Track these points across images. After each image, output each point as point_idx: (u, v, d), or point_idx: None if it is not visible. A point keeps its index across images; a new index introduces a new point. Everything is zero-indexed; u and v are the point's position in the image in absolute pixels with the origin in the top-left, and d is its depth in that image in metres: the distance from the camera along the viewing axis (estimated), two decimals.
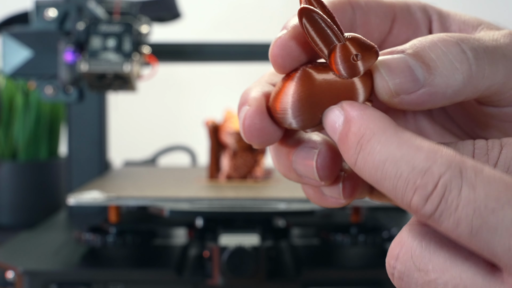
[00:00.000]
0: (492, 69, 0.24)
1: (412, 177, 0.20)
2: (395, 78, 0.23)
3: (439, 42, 0.24)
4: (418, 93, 0.23)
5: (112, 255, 0.59)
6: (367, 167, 0.21)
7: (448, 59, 0.23)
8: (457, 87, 0.23)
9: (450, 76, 0.23)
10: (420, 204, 0.20)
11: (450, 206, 0.19)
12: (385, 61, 0.23)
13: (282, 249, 0.59)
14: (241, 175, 0.69)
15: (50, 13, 0.71)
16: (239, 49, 0.77)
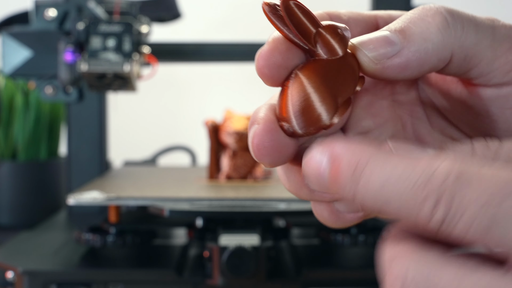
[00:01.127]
0: (471, 26, 0.24)
1: (416, 191, 0.20)
2: (369, 45, 0.24)
3: (412, 11, 0.25)
4: (399, 54, 0.23)
5: (112, 255, 0.59)
6: (368, 196, 0.21)
7: (420, 18, 0.24)
8: (436, 39, 0.23)
9: (425, 30, 0.24)
10: (427, 217, 0.20)
11: (458, 211, 0.19)
12: (361, 38, 0.24)
13: (282, 249, 0.59)
14: (241, 175, 0.69)
15: (50, 13, 0.71)
16: (239, 49, 0.77)
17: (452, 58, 0.24)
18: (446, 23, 0.24)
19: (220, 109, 0.76)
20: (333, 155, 0.22)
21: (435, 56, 0.24)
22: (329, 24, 0.24)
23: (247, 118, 0.69)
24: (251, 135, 0.24)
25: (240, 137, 0.67)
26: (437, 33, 0.24)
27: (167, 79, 1.25)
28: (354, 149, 0.21)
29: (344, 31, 0.24)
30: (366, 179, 0.21)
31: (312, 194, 0.25)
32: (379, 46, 0.24)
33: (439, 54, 0.24)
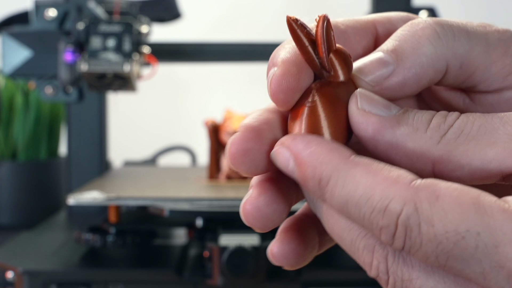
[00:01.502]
0: (462, 34, 0.24)
1: (374, 218, 0.20)
2: (364, 71, 0.24)
3: (401, 28, 0.25)
4: (394, 73, 0.24)
5: (112, 255, 0.59)
6: (335, 206, 0.22)
7: (410, 34, 0.24)
8: (429, 51, 0.24)
9: (416, 44, 0.24)
10: (388, 242, 0.20)
11: (415, 242, 0.20)
12: (356, 64, 0.24)
13: None
14: (241, 175, 0.69)
15: (50, 13, 0.71)
16: (239, 49, 0.77)
17: (448, 68, 0.24)
18: (437, 35, 0.24)
19: (220, 109, 0.76)
20: (297, 159, 0.22)
21: (431, 69, 0.24)
22: (340, 48, 0.24)
23: None
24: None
25: None
26: (429, 45, 0.24)
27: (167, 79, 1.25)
28: (316, 158, 0.21)
29: (350, 57, 0.24)
30: (330, 193, 0.21)
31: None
32: (374, 69, 0.24)
33: (435, 66, 0.24)
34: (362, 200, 0.20)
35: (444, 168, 0.22)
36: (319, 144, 0.22)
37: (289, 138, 0.22)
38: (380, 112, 0.23)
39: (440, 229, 0.19)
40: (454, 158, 0.22)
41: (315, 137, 0.22)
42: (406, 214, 0.20)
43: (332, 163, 0.21)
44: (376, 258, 0.22)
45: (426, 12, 0.75)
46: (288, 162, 0.22)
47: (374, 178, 0.20)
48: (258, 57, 0.77)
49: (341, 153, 0.21)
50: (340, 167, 0.21)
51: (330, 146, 0.22)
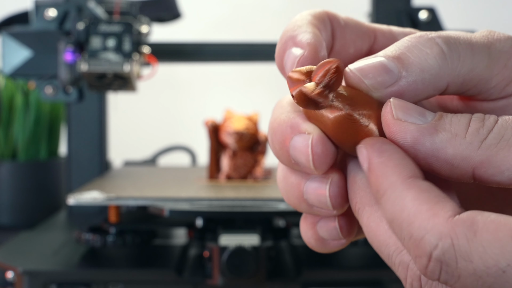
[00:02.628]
0: (467, 53, 0.24)
1: (411, 245, 0.21)
2: (368, 73, 0.24)
3: (408, 38, 0.25)
4: (397, 84, 0.24)
5: (112, 255, 0.59)
6: (385, 217, 0.22)
7: (418, 48, 0.24)
8: (434, 70, 0.24)
9: (423, 61, 0.24)
10: (422, 271, 0.21)
11: (452, 276, 0.20)
12: (357, 64, 0.24)
13: (282, 249, 0.59)
14: (241, 175, 0.69)
15: (50, 13, 0.71)
16: (239, 49, 0.77)
17: (448, 86, 0.24)
18: (443, 55, 0.24)
19: (220, 109, 0.76)
20: (369, 164, 0.23)
21: (431, 87, 0.24)
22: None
23: (247, 118, 0.69)
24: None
25: (240, 137, 0.67)
26: (435, 64, 0.24)
27: (167, 79, 1.25)
28: (381, 171, 0.22)
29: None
30: (383, 205, 0.22)
31: (310, 208, 0.26)
32: (378, 74, 0.24)
33: (435, 85, 0.24)
34: (405, 224, 0.21)
35: (484, 173, 0.22)
36: (389, 156, 0.22)
37: (371, 140, 0.23)
38: (416, 121, 0.23)
39: (480, 264, 0.19)
40: (494, 163, 0.22)
41: (390, 147, 0.23)
42: (441, 249, 0.20)
43: (391, 179, 0.22)
44: (410, 276, 0.22)
45: (426, 12, 0.75)
46: (364, 162, 0.23)
47: (419, 206, 0.21)
48: (258, 57, 0.77)
49: (403, 171, 0.22)
50: (396, 186, 0.22)
51: (398, 161, 0.22)
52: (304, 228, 0.27)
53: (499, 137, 0.22)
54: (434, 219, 0.20)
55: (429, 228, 0.20)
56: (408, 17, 0.76)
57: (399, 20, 0.76)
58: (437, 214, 0.20)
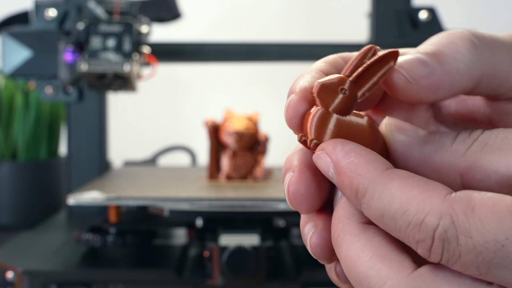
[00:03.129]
0: (496, 46, 0.25)
1: (410, 233, 0.21)
2: (405, 65, 0.24)
3: (436, 36, 0.25)
4: (433, 75, 0.24)
5: (112, 255, 0.59)
6: (371, 217, 0.22)
7: (450, 41, 0.24)
8: (467, 59, 0.24)
9: (456, 51, 0.24)
10: (425, 255, 0.21)
11: (453, 254, 0.20)
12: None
13: (282, 249, 0.59)
14: (241, 175, 0.69)
15: (50, 13, 0.71)
16: (239, 49, 0.77)
17: (482, 77, 0.25)
18: (474, 46, 0.24)
19: (220, 109, 0.76)
20: (336, 168, 0.23)
21: (467, 77, 0.24)
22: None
23: (247, 118, 0.69)
24: (286, 182, 0.25)
25: (240, 137, 0.67)
26: (468, 54, 0.24)
27: (167, 79, 1.25)
28: (355, 169, 0.22)
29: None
30: (367, 205, 0.22)
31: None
32: (414, 66, 0.24)
33: (470, 75, 0.24)
34: (398, 214, 0.21)
35: (472, 179, 0.23)
36: (357, 154, 0.22)
37: (330, 144, 0.23)
38: (408, 134, 0.24)
39: (479, 239, 0.20)
40: (480, 167, 0.22)
41: (354, 146, 0.23)
42: (443, 227, 0.20)
43: (369, 175, 0.22)
44: None
45: (426, 12, 0.75)
46: (329, 168, 0.23)
47: (409, 192, 0.21)
48: (258, 57, 0.77)
49: (378, 165, 0.22)
50: (377, 180, 0.22)
51: (368, 157, 0.22)
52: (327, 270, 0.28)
53: (483, 144, 0.23)
54: (430, 200, 0.21)
55: (427, 210, 0.20)
56: (408, 17, 0.76)
57: (399, 20, 0.76)
58: (431, 195, 0.21)
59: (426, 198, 0.21)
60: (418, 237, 0.21)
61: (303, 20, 1.33)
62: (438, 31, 0.75)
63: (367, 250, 0.23)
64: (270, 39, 0.78)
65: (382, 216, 0.22)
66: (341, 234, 0.24)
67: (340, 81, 0.24)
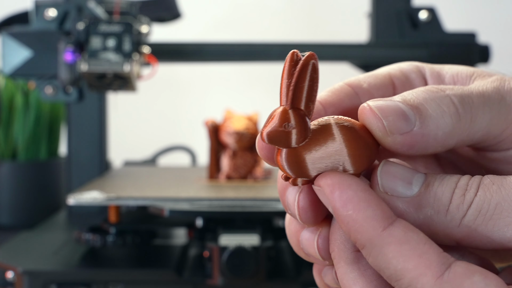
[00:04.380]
0: (479, 113, 0.24)
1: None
2: (388, 116, 0.24)
3: (425, 90, 0.25)
4: (411, 133, 0.24)
5: (112, 255, 0.59)
6: (370, 263, 0.23)
7: (436, 103, 0.24)
8: (447, 129, 0.24)
9: (440, 118, 0.24)
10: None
11: None
12: (378, 103, 0.24)
13: (282, 249, 0.59)
14: (241, 175, 0.69)
15: (50, 13, 0.71)
16: (239, 49, 0.77)
17: (456, 144, 0.25)
18: (458, 117, 0.24)
19: (220, 109, 0.76)
20: (335, 211, 0.23)
21: (441, 143, 0.24)
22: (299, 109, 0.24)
23: (247, 118, 0.69)
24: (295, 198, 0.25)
25: (240, 137, 0.67)
26: (449, 123, 0.24)
27: (167, 79, 1.25)
28: (353, 225, 0.22)
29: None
30: (365, 255, 0.22)
31: (307, 256, 0.27)
32: (397, 119, 0.24)
33: (445, 143, 0.24)
34: (393, 278, 0.22)
35: (468, 245, 0.23)
36: (355, 208, 0.22)
37: (327, 186, 0.23)
38: (402, 192, 0.23)
39: None
40: (475, 238, 0.23)
41: (352, 194, 0.22)
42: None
43: (366, 236, 0.22)
44: None
45: (426, 12, 0.75)
46: (328, 206, 0.23)
47: (404, 264, 0.21)
48: (258, 57, 0.77)
49: (376, 224, 0.22)
50: (374, 242, 0.22)
51: (366, 214, 0.22)
52: (314, 274, 0.28)
53: (476, 212, 0.22)
54: (422, 279, 0.21)
55: (420, 281, 0.21)
56: (408, 17, 0.76)
57: (399, 20, 0.76)
58: (424, 273, 0.21)
59: (419, 276, 0.21)
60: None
61: (303, 20, 1.33)
62: (438, 31, 0.75)
63: (358, 284, 0.23)
64: (270, 39, 0.78)
65: (379, 271, 0.22)
66: (336, 257, 0.24)
67: (280, 120, 0.23)
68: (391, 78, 0.29)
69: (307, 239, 0.26)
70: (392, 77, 0.29)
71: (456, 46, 0.74)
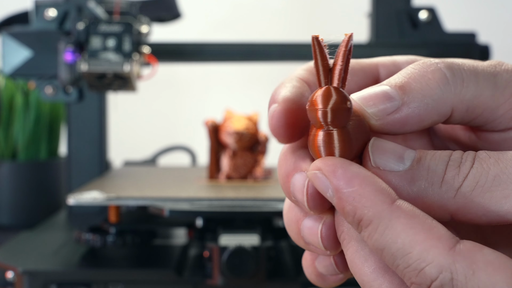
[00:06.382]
0: (471, 78, 0.24)
1: (407, 273, 0.21)
2: (369, 101, 0.24)
3: (413, 65, 0.25)
4: (398, 111, 0.24)
5: (112, 255, 0.59)
6: (371, 247, 0.22)
7: (420, 74, 0.24)
8: (436, 95, 0.24)
9: (425, 86, 0.24)
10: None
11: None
12: (361, 93, 0.24)
13: (282, 249, 0.59)
14: (241, 175, 0.69)
15: (50, 13, 0.71)
16: (239, 49, 0.77)
17: (453, 112, 0.24)
18: (446, 80, 0.24)
19: (220, 109, 0.76)
20: (338, 193, 0.22)
21: (435, 112, 0.24)
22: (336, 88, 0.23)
23: (247, 118, 0.69)
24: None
25: (240, 137, 0.67)
26: (437, 89, 0.24)
27: (167, 79, 1.25)
28: (360, 200, 0.22)
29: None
30: (368, 235, 0.22)
31: (307, 245, 0.26)
32: (379, 102, 0.24)
33: (439, 110, 0.24)
34: (399, 254, 0.21)
35: (462, 218, 0.23)
36: (361, 183, 0.22)
37: (327, 166, 0.22)
38: (394, 167, 0.23)
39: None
40: (470, 209, 0.22)
41: (357, 170, 0.22)
42: (441, 281, 0.20)
43: (374, 209, 0.21)
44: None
45: (426, 12, 0.75)
46: (327, 190, 0.22)
47: (414, 236, 0.21)
48: (258, 57, 0.77)
49: (384, 197, 0.21)
50: (382, 215, 0.21)
51: (373, 187, 0.22)
52: (305, 265, 0.28)
53: (473, 184, 0.22)
54: (434, 250, 0.20)
55: (429, 260, 0.20)
56: (408, 17, 0.76)
57: (399, 20, 0.76)
58: (436, 244, 0.20)
59: (430, 247, 0.20)
60: (415, 281, 0.21)
61: (303, 20, 1.33)
62: (438, 31, 0.75)
63: (370, 261, 0.23)
64: (270, 39, 0.78)
65: (382, 250, 0.21)
66: (346, 238, 0.23)
67: (343, 97, 0.23)
68: (378, 66, 0.28)
69: (309, 227, 0.25)
70: (380, 66, 0.28)
71: (456, 46, 0.74)
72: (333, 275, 0.27)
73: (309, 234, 0.25)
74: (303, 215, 0.26)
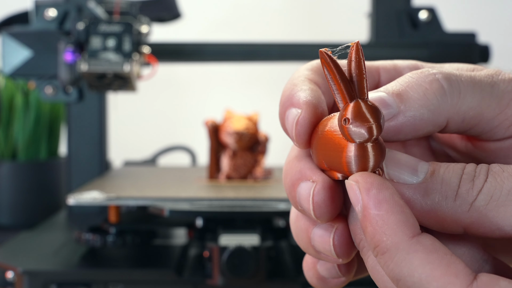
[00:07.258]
0: (468, 89, 0.24)
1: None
2: None
3: (410, 74, 0.24)
4: (394, 119, 0.23)
5: (112, 255, 0.59)
6: (385, 272, 0.22)
7: (418, 83, 0.24)
8: (433, 106, 0.23)
9: (422, 96, 0.23)
10: None
11: None
12: None
13: (282, 249, 0.59)
14: (241, 175, 0.69)
15: (50, 13, 0.71)
16: (239, 49, 0.77)
17: (449, 122, 0.24)
18: (443, 91, 0.24)
19: (220, 109, 0.76)
20: (365, 211, 0.22)
21: (430, 123, 0.24)
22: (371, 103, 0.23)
23: (247, 118, 0.69)
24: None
25: (240, 137, 0.67)
26: (434, 100, 0.24)
27: (167, 79, 1.25)
28: (382, 226, 0.21)
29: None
30: (384, 262, 0.21)
31: (317, 254, 0.26)
32: None
33: (434, 121, 0.24)
34: (416, 287, 0.21)
35: (475, 232, 0.22)
36: (389, 211, 0.21)
37: (365, 183, 0.22)
38: (408, 179, 0.23)
39: None
40: (484, 224, 0.22)
41: (389, 195, 0.22)
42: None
43: (393, 239, 0.21)
44: None
45: (426, 12, 0.75)
46: (357, 204, 0.22)
47: (431, 272, 0.20)
48: (258, 57, 0.77)
49: (406, 230, 0.21)
50: (400, 247, 0.21)
51: (398, 217, 0.21)
52: (306, 268, 0.28)
53: (488, 197, 0.22)
54: (452, 285, 0.20)
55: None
56: (408, 17, 0.76)
57: (399, 20, 0.76)
58: (453, 282, 0.20)
59: (447, 284, 0.20)
60: None
61: (303, 20, 1.33)
62: (438, 31, 0.75)
63: None
64: (270, 39, 0.78)
65: (398, 280, 0.21)
66: (366, 245, 0.23)
67: (378, 113, 0.22)
68: (378, 70, 0.28)
69: (320, 235, 0.25)
70: (381, 70, 0.28)
71: (456, 46, 0.74)
72: (335, 278, 0.27)
73: (320, 243, 0.25)
74: (313, 224, 0.25)
